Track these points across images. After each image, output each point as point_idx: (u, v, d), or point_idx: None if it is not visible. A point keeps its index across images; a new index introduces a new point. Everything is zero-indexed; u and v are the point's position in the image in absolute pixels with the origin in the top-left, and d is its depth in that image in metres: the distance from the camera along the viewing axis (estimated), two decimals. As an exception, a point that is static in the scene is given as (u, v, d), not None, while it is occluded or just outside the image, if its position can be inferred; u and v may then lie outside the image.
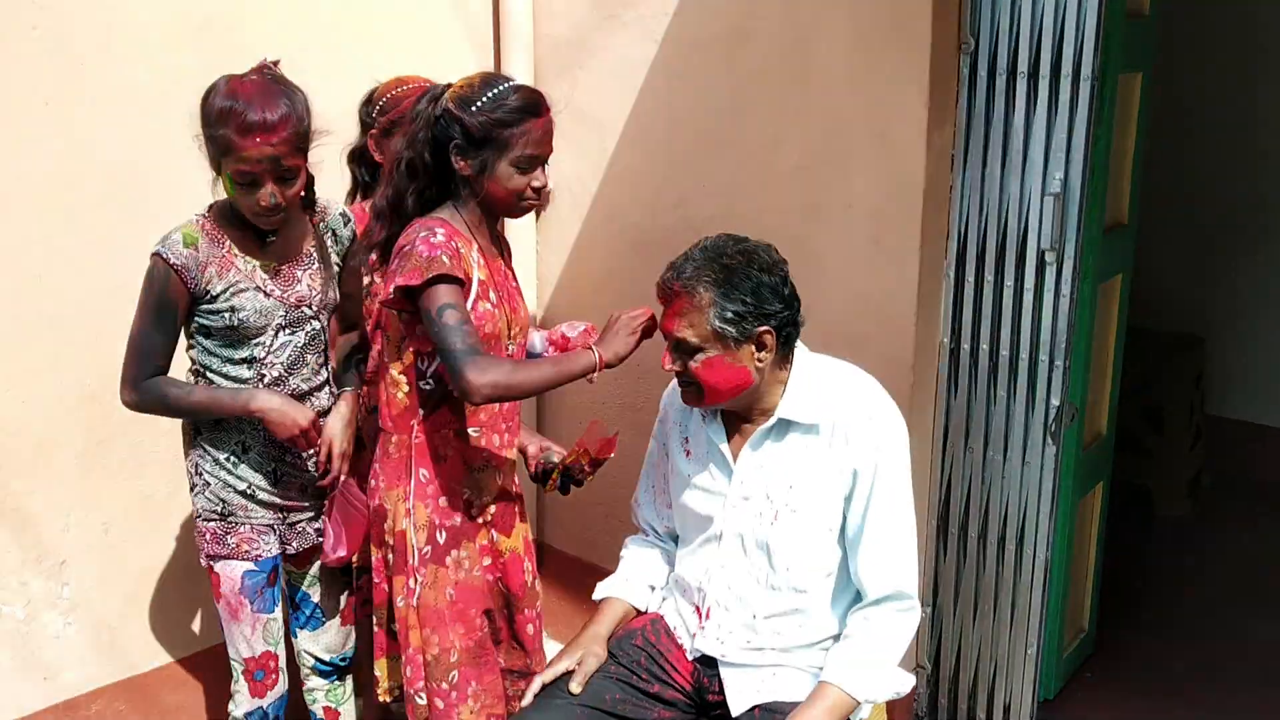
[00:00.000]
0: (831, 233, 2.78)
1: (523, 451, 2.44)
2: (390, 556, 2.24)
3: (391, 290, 2.06)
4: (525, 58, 3.24)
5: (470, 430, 2.23)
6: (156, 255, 2.09)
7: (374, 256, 2.21)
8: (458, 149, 2.12)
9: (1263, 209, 4.59)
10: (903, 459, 2.09)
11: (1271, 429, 4.71)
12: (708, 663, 2.17)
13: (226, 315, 2.12)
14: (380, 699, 2.38)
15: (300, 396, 2.23)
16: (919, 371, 2.72)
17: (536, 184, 2.16)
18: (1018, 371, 2.64)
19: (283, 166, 2.06)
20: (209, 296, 2.11)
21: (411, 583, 2.21)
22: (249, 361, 2.17)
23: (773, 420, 2.08)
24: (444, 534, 2.21)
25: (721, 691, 2.14)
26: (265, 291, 2.15)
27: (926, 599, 2.84)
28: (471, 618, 2.23)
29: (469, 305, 2.11)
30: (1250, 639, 3.52)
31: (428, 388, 2.19)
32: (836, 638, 2.12)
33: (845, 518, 2.08)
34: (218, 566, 2.26)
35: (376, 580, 2.29)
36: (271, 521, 2.27)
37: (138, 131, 2.62)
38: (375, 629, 2.31)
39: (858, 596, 2.12)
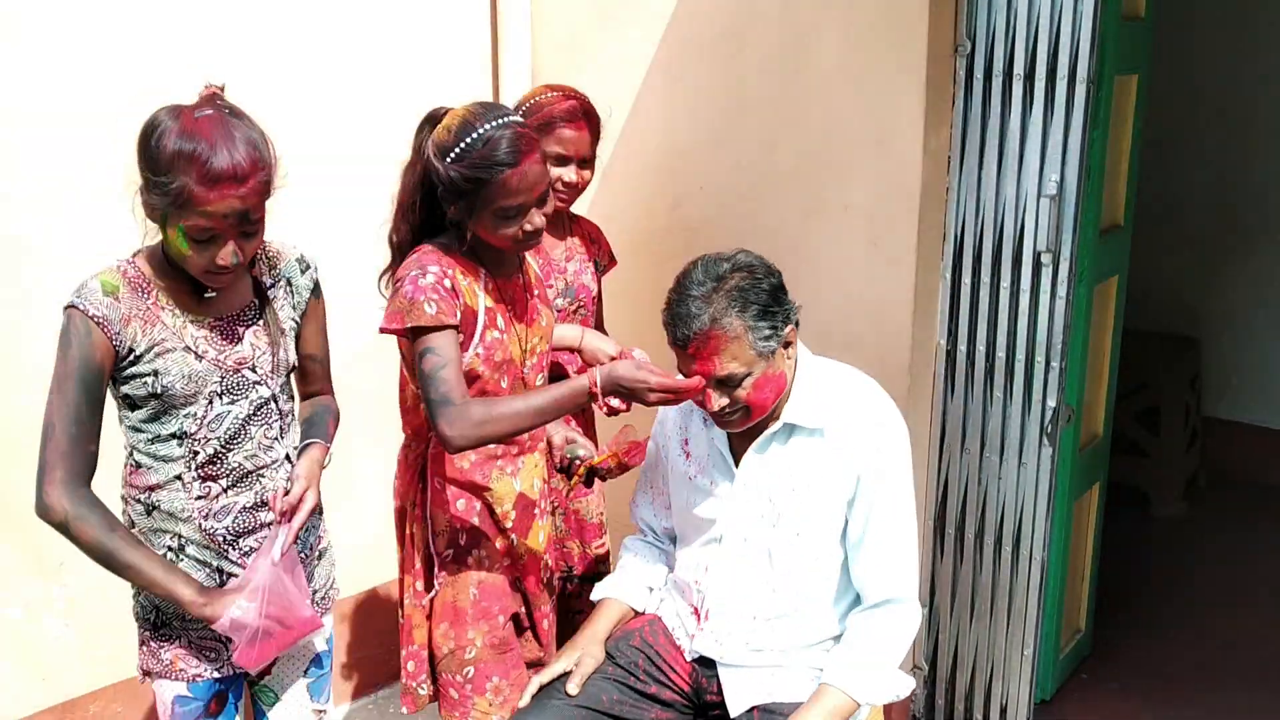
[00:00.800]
0: (828, 234, 2.78)
1: (548, 443, 2.38)
2: (401, 555, 2.26)
3: (379, 330, 2.04)
4: (523, 61, 3.25)
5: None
6: (72, 308, 1.73)
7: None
8: (443, 196, 2.06)
9: (1258, 211, 4.61)
10: (905, 463, 2.10)
11: (1267, 430, 4.72)
12: (706, 663, 2.18)
13: (149, 380, 1.78)
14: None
15: (245, 476, 1.89)
16: (915, 373, 2.72)
17: (530, 227, 2.05)
18: (1014, 373, 2.65)
19: (249, 220, 1.76)
20: (131, 357, 1.77)
21: (420, 585, 2.21)
22: (178, 437, 1.82)
23: (778, 424, 2.09)
24: (464, 535, 2.20)
25: (720, 692, 2.15)
26: (197, 353, 1.81)
27: (923, 600, 2.84)
28: (495, 615, 2.22)
29: (476, 338, 2.06)
30: (1246, 639, 3.53)
31: None
32: (835, 639, 2.12)
33: (847, 521, 2.09)
34: (153, 684, 1.94)
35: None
36: (216, 635, 1.88)
37: (133, 128, 2.61)
38: (401, 619, 2.30)
39: (857, 598, 2.13)
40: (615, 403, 2.05)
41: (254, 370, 1.88)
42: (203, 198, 1.69)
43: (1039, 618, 2.75)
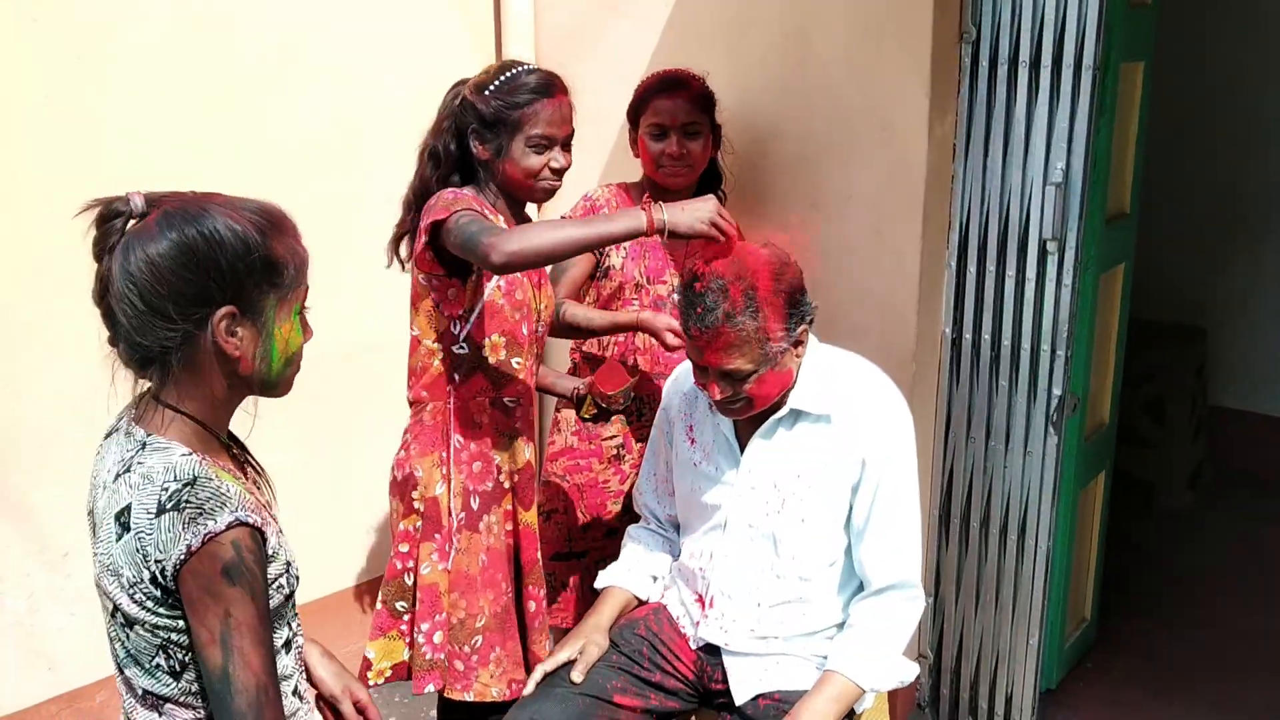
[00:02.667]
0: (832, 223, 2.77)
1: (563, 394, 2.46)
2: (419, 524, 2.22)
3: (424, 230, 2.06)
4: (526, 48, 3.24)
5: (506, 400, 2.24)
6: (239, 525, 1.36)
7: (401, 248, 2.24)
8: (475, 133, 2.16)
9: (1265, 199, 4.58)
10: (910, 449, 2.10)
11: (1274, 419, 4.70)
12: (710, 651, 2.18)
13: (284, 579, 1.48)
14: (371, 682, 2.24)
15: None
16: (920, 362, 2.72)
17: (555, 165, 2.19)
18: (1019, 362, 2.64)
19: None
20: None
21: (447, 547, 2.20)
22: (287, 645, 1.53)
23: (784, 410, 2.09)
24: (477, 500, 2.21)
25: (724, 680, 2.14)
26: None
27: (928, 590, 2.84)
28: (499, 583, 2.23)
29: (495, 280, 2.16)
30: (1251, 630, 3.53)
31: (461, 352, 2.19)
32: (839, 627, 2.12)
33: (852, 507, 2.08)
34: None
35: (403, 550, 2.24)
36: None
37: (138, 126, 2.62)
38: (378, 606, 2.27)
39: (861, 586, 2.13)
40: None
41: None
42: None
43: (1044, 607, 2.74)
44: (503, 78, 2.16)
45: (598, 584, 2.34)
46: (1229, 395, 4.77)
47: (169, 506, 1.33)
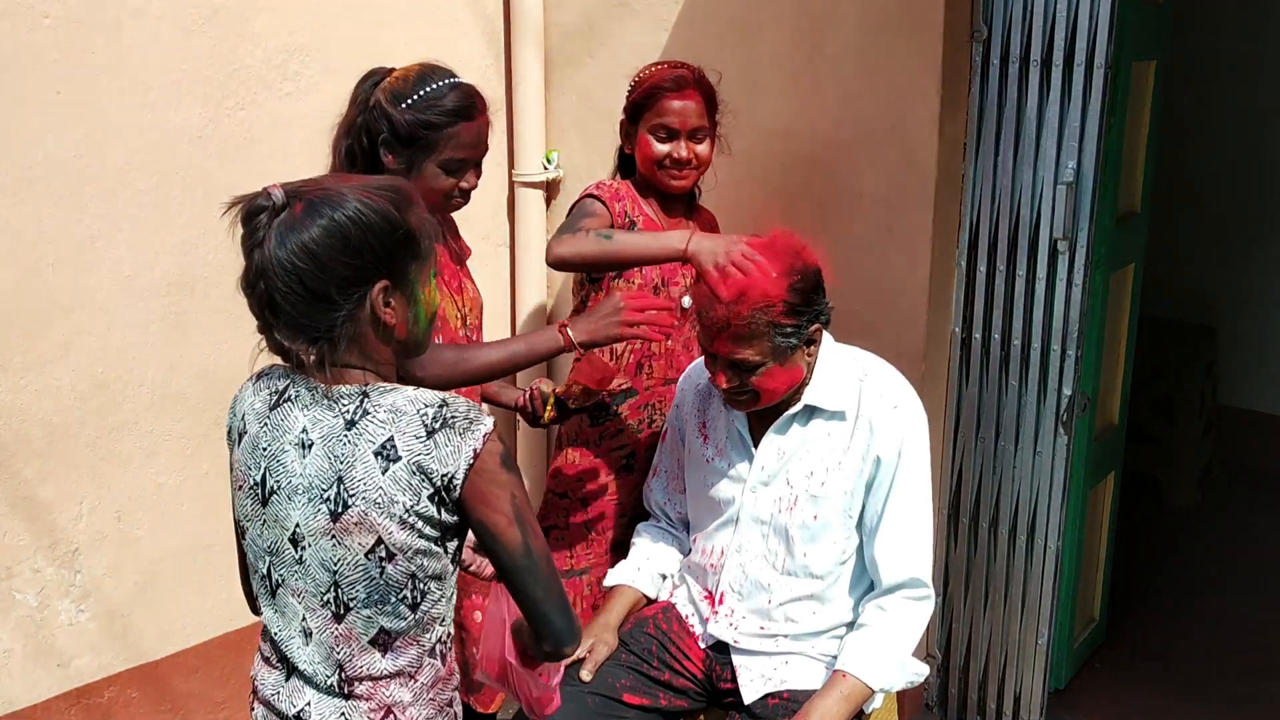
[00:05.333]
0: (843, 222, 2.77)
1: (509, 404, 2.39)
2: None
3: None
4: (535, 45, 3.23)
5: None
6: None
7: None
8: (386, 144, 2.05)
9: (1275, 198, 4.57)
10: (924, 448, 2.10)
11: (1283, 419, 4.69)
12: (719, 650, 2.18)
13: None
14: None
15: None
16: (930, 361, 2.71)
17: (465, 185, 2.11)
18: (1029, 361, 2.63)
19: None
20: None
21: None
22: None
23: (799, 406, 2.09)
24: None
25: (733, 679, 2.14)
26: None
27: (937, 589, 2.83)
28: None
29: None
30: (1261, 629, 3.52)
31: None
32: (849, 625, 2.12)
33: (865, 505, 2.08)
34: None
35: None
36: None
37: (149, 120, 2.62)
38: None
39: (872, 585, 2.12)
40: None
41: None
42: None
43: (1053, 607, 2.74)
44: (421, 92, 2.04)
45: (607, 582, 2.35)
46: (1239, 394, 4.75)
47: (438, 426, 1.47)
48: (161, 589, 2.81)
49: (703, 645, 2.20)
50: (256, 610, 1.72)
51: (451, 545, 1.54)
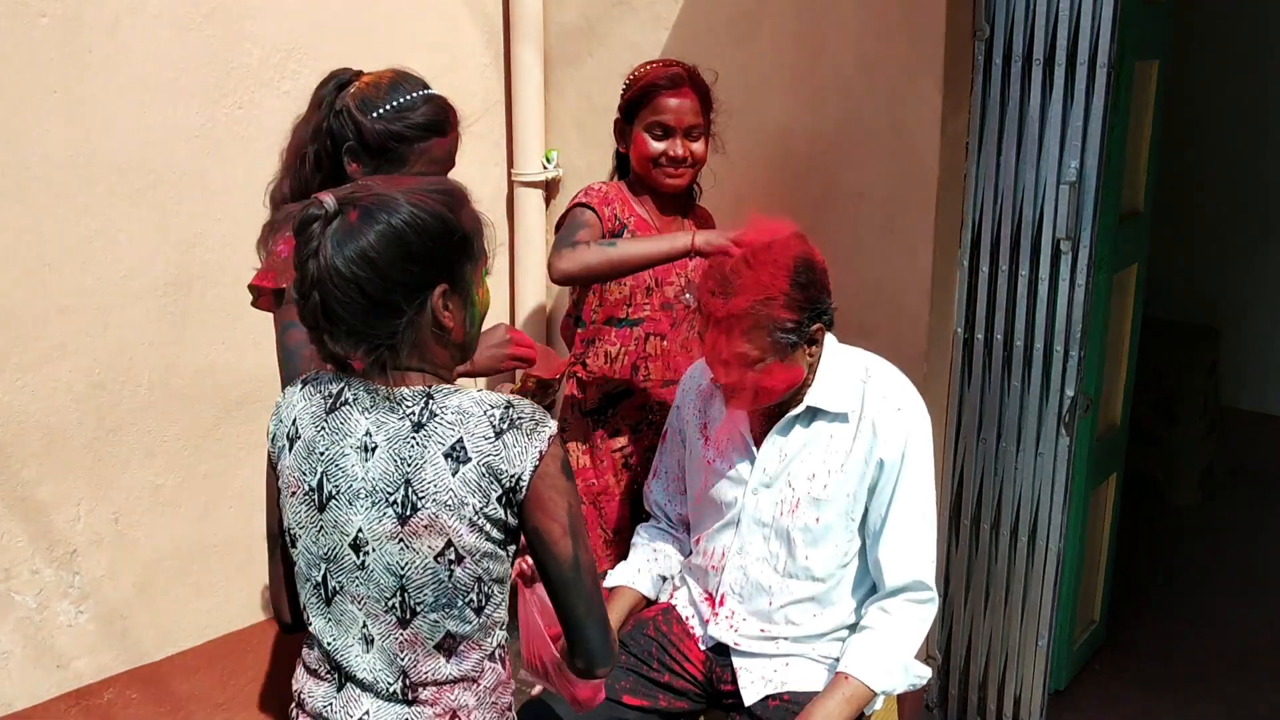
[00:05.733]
0: (844, 221, 2.76)
1: None
2: None
3: (249, 286, 1.97)
4: (535, 45, 3.22)
5: None
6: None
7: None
8: (351, 151, 1.98)
9: (1278, 199, 4.56)
10: (927, 451, 2.09)
11: (1285, 420, 4.68)
12: (720, 652, 2.17)
13: None
14: None
15: None
16: (932, 361, 2.70)
17: None
18: (1031, 361, 2.62)
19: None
20: None
21: None
22: None
23: (801, 407, 2.08)
24: None
25: (733, 681, 2.14)
26: None
27: (938, 590, 2.82)
28: None
29: None
30: (1262, 630, 3.51)
31: None
32: (851, 628, 2.11)
33: (867, 508, 2.07)
34: None
35: None
36: None
37: (147, 120, 2.61)
38: None
39: (873, 587, 2.12)
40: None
41: None
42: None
43: (1054, 608, 2.73)
44: (394, 102, 1.95)
45: (606, 583, 2.34)
46: (1241, 395, 4.75)
47: (505, 427, 1.46)
48: (160, 590, 2.81)
49: (703, 647, 2.19)
50: (289, 624, 1.68)
51: (512, 549, 1.53)
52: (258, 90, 2.78)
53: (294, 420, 1.56)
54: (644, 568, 2.31)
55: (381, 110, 1.95)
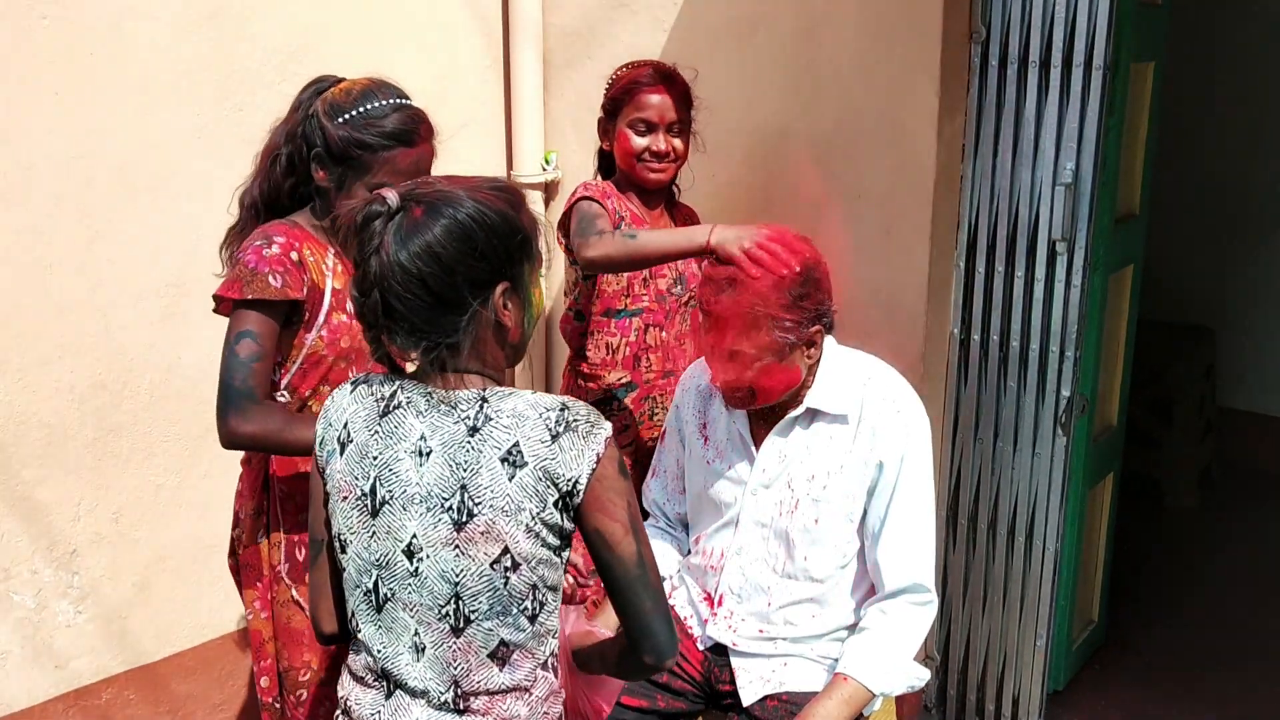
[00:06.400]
0: (841, 223, 2.77)
1: None
2: (241, 571, 2.11)
3: (213, 296, 1.93)
4: (534, 47, 3.23)
5: None
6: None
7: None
8: (317, 158, 1.94)
9: (1274, 199, 4.57)
10: (926, 453, 2.09)
11: (1282, 421, 4.69)
12: (718, 652, 2.17)
13: None
14: None
15: None
16: (928, 362, 2.71)
17: None
18: (1028, 362, 2.63)
19: None
20: None
21: (269, 596, 2.07)
22: None
23: (801, 409, 2.08)
24: (302, 550, 2.04)
25: (732, 681, 2.14)
26: None
27: (936, 590, 2.83)
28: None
29: (321, 319, 1.98)
30: (1260, 631, 3.51)
31: (283, 400, 2.01)
32: (850, 629, 2.12)
33: (866, 510, 2.08)
34: None
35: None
36: None
37: (148, 121, 2.62)
38: None
39: (872, 588, 2.12)
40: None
41: None
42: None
43: (1052, 608, 2.73)
44: (361, 109, 1.91)
45: (605, 583, 2.34)
46: (1237, 396, 4.75)
47: (561, 430, 1.45)
48: (160, 590, 2.81)
49: (701, 647, 2.20)
50: (327, 635, 1.65)
51: (565, 555, 1.51)
52: (259, 92, 2.78)
53: (345, 424, 1.53)
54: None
55: (348, 116, 1.91)
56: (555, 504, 1.45)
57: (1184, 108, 4.29)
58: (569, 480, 1.45)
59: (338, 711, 1.61)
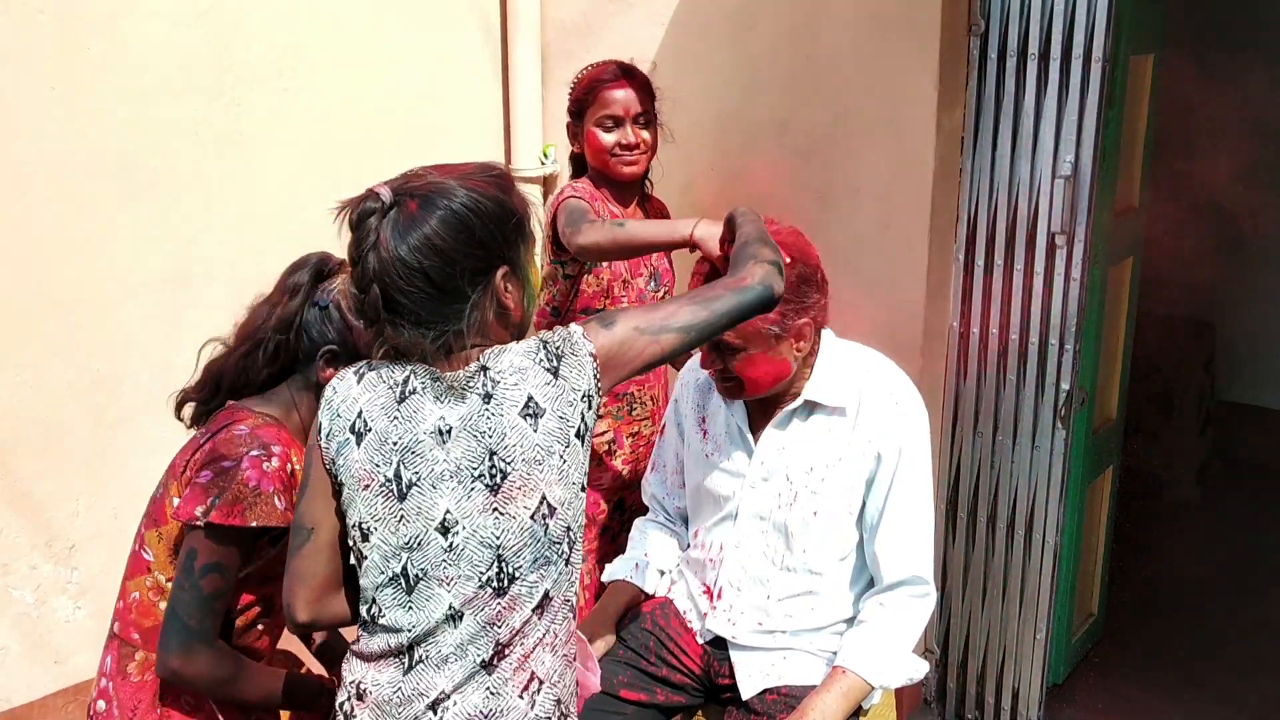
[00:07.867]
0: (840, 216, 2.77)
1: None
2: None
3: (199, 514, 1.66)
4: (532, 42, 3.23)
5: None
6: None
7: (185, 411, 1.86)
8: (331, 356, 1.77)
9: (1274, 193, 4.56)
10: (925, 445, 2.09)
11: (1281, 414, 4.69)
12: (717, 645, 2.17)
13: None
14: None
15: None
16: (928, 356, 2.71)
17: None
18: (1027, 356, 2.63)
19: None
20: None
21: None
22: None
23: (798, 401, 2.08)
24: None
25: (731, 675, 2.14)
26: None
27: (935, 584, 2.83)
28: None
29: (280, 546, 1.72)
30: (1259, 624, 3.52)
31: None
32: (848, 622, 2.12)
33: (865, 502, 2.08)
34: None
35: None
36: None
37: (144, 116, 2.61)
38: None
39: (871, 581, 2.12)
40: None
41: None
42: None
43: (1051, 602, 2.74)
44: None
45: (604, 577, 2.34)
46: (1237, 389, 4.76)
47: (556, 364, 1.51)
48: (158, 586, 2.81)
49: (700, 641, 2.20)
50: (300, 623, 1.60)
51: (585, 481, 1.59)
52: (255, 87, 2.78)
53: (359, 413, 1.53)
54: (641, 561, 2.31)
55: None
56: (580, 415, 1.52)
57: (1183, 100, 4.28)
58: (585, 395, 1.52)
59: (345, 699, 1.59)
